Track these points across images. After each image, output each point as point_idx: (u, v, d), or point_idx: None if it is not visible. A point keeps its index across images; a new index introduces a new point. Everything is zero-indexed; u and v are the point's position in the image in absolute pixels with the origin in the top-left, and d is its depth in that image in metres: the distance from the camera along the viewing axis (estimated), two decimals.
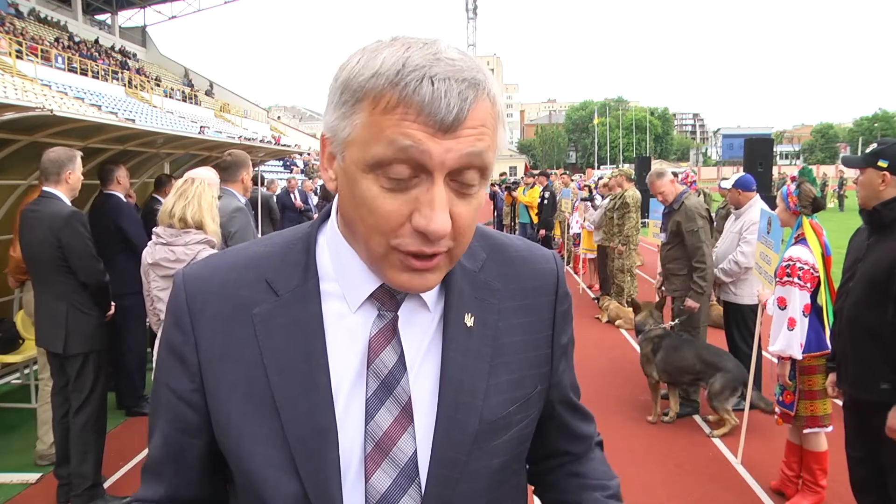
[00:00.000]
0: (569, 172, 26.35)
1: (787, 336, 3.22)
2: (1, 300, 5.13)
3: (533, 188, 12.16)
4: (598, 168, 58.78)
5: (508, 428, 0.80)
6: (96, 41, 40.61)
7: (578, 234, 9.87)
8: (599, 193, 9.54)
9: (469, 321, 0.79)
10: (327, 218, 0.82)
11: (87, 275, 3.36)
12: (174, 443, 0.81)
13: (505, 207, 15.06)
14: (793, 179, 3.42)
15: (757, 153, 11.35)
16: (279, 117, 69.13)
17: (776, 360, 3.45)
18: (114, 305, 3.65)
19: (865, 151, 2.65)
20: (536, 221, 11.68)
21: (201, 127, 30.11)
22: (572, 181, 13.96)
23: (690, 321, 4.79)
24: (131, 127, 5.40)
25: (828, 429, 3.33)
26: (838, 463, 3.06)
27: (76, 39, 37.09)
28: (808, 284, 3.25)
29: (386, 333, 0.76)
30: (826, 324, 3.23)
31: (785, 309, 3.26)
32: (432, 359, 0.78)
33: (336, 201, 0.78)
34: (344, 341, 0.76)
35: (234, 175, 3.78)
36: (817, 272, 3.27)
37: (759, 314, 4.01)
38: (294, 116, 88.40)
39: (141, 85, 35.49)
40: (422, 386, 0.77)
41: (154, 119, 28.26)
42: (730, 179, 5.17)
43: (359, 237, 0.71)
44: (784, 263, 3.33)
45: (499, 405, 0.79)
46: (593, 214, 8.88)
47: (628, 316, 7.14)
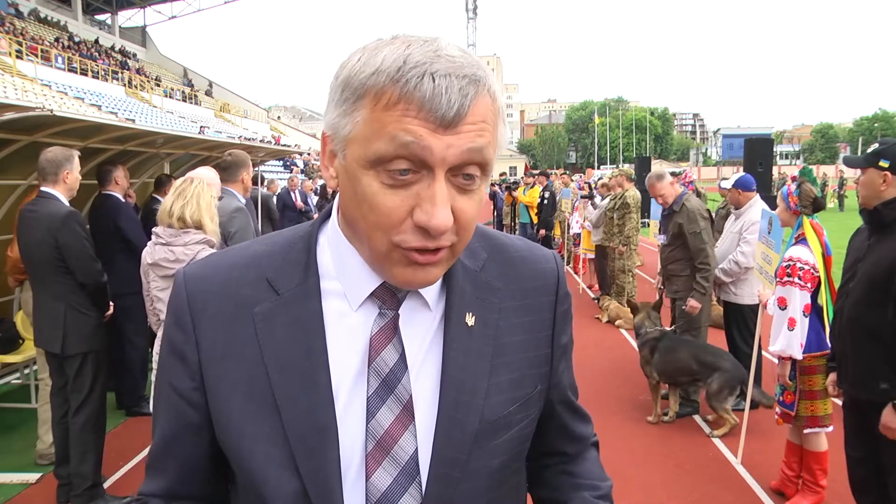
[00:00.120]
0: (569, 172, 26.37)
1: (788, 336, 3.22)
2: (1, 300, 5.12)
3: (533, 188, 12.18)
4: (598, 168, 58.85)
5: (509, 427, 0.81)
6: (96, 41, 40.61)
7: (578, 234, 9.87)
8: (599, 193, 9.53)
9: (470, 320, 0.80)
10: (328, 217, 0.82)
11: (85, 275, 3.36)
12: (175, 440, 0.81)
13: (505, 207, 15.07)
14: (793, 179, 3.42)
15: (757, 153, 11.35)
16: (279, 117, 69.13)
17: (776, 361, 3.45)
18: (112, 306, 3.64)
19: (867, 151, 2.65)
20: (536, 221, 11.70)
21: (201, 127, 30.10)
22: (572, 181, 13.96)
23: (691, 322, 4.79)
24: (131, 127, 5.40)
25: (828, 429, 3.33)
26: (838, 463, 3.05)
27: (76, 39, 37.09)
28: (809, 284, 3.25)
29: (387, 332, 0.76)
30: (826, 324, 3.23)
31: (785, 309, 3.26)
32: (433, 358, 0.78)
33: (337, 200, 0.78)
34: (345, 339, 0.76)
35: (235, 175, 3.78)
36: (818, 272, 3.27)
37: (760, 314, 4.01)
38: (294, 116, 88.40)
39: (141, 85, 35.48)
40: (422, 385, 0.77)
41: (154, 119, 28.26)
42: (730, 179, 5.16)
43: (360, 235, 0.71)
44: (784, 263, 3.33)
45: (499, 404, 0.79)
46: (592, 213, 8.87)
47: (628, 316, 7.13)
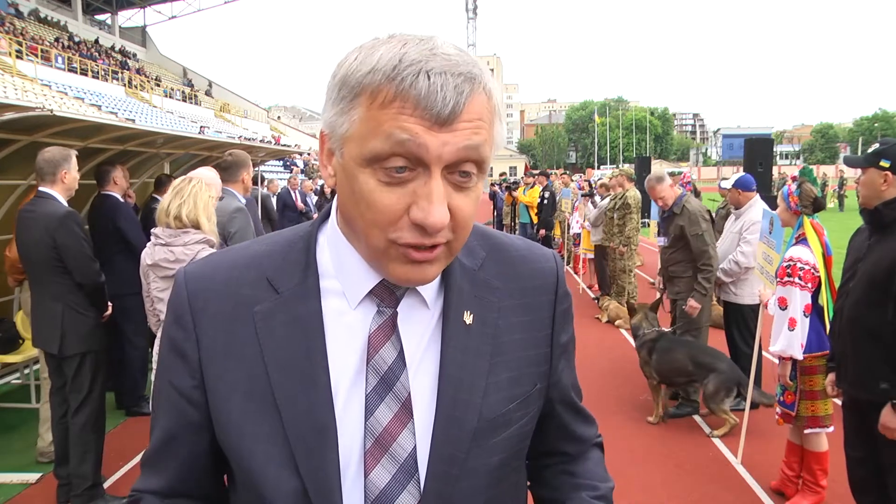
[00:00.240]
0: (569, 172, 26.35)
1: (788, 336, 3.22)
2: (1, 300, 5.12)
3: (533, 188, 12.18)
4: (598, 168, 58.82)
5: (508, 425, 0.81)
6: (96, 41, 40.62)
7: (578, 234, 9.87)
8: (598, 194, 9.54)
9: (468, 319, 0.80)
10: (328, 217, 0.83)
11: (83, 275, 3.35)
12: (174, 438, 0.81)
13: (505, 207, 15.07)
14: (793, 179, 3.42)
15: (757, 153, 11.33)
16: (279, 117, 69.15)
17: (777, 361, 3.45)
18: (111, 306, 3.64)
19: (867, 151, 2.65)
20: (536, 221, 11.70)
21: (201, 127, 30.11)
22: (572, 181, 13.96)
23: (692, 322, 4.78)
24: (131, 127, 5.40)
25: (829, 429, 3.33)
26: (838, 463, 3.05)
27: (76, 39, 37.10)
28: (809, 284, 3.24)
29: (385, 329, 0.76)
30: (827, 324, 3.23)
31: (786, 309, 3.26)
32: (431, 356, 0.78)
33: (336, 200, 0.79)
34: (344, 338, 0.76)
35: (235, 175, 3.78)
36: (818, 272, 3.27)
37: (760, 314, 4.01)
38: (294, 116, 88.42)
39: (141, 85, 35.49)
40: (421, 382, 0.77)
41: (154, 119, 28.27)
42: (730, 179, 5.16)
43: (358, 232, 0.72)
44: (785, 263, 3.32)
45: (498, 403, 0.79)
46: (591, 213, 8.87)
47: (628, 316, 7.13)
